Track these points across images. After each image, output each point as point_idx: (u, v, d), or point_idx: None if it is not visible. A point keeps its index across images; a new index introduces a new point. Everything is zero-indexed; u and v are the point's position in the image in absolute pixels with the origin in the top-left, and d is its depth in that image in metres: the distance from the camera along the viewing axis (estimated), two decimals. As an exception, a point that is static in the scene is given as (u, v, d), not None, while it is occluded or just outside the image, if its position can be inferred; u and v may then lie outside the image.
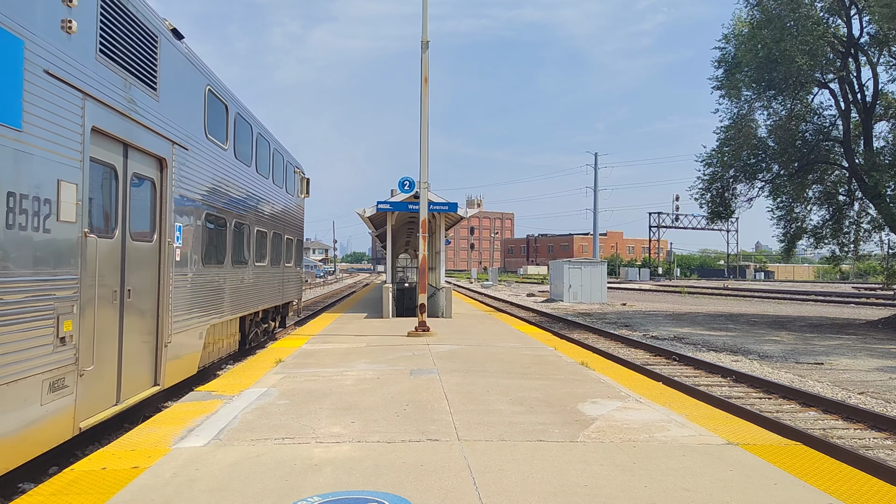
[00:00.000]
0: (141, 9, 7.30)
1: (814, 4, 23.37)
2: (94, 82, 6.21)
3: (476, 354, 11.11)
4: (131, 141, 7.08)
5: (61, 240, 5.67)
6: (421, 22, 14.48)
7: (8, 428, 4.95)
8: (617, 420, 6.52)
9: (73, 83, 5.82)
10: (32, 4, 5.25)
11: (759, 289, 57.57)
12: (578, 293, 35.57)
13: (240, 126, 11.69)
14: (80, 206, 5.92)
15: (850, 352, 16.34)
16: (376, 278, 79.40)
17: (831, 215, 26.91)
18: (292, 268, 17.80)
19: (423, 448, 5.46)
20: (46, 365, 5.46)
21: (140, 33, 7.30)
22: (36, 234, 5.31)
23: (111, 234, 6.80)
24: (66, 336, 5.73)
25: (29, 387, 5.24)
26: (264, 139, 13.78)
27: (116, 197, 6.91)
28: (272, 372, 9.16)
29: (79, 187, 5.91)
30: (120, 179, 6.97)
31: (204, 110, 9.62)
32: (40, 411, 5.42)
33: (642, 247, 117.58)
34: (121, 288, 6.99)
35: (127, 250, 7.14)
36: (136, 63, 7.17)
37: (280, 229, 15.72)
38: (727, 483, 4.69)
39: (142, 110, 7.30)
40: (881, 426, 8.79)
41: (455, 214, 20.08)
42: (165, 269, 8.11)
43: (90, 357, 6.19)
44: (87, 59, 6.11)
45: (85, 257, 6.07)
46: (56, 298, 5.60)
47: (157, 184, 7.98)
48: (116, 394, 6.99)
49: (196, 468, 4.91)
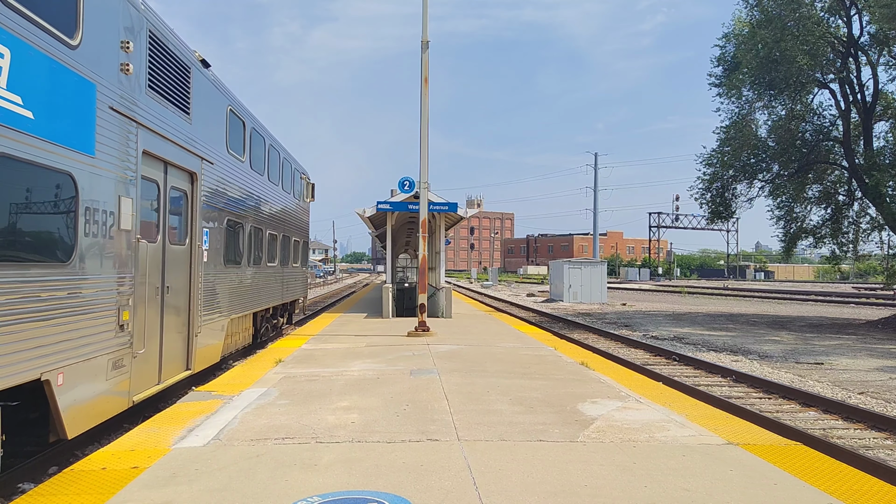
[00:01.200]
0: (178, 46, 8.59)
1: (814, 4, 23.37)
2: (145, 112, 7.45)
3: (476, 354, 11.11)
4: (170, 159, 8.27)
5: (121, 245, 6.88)
6: (421, 22, 14.49)
7: (83, 396, 6.13)
8: (617, 420, 6.52)
9: (130, 115, 7.06)
10: (103, 53, 6.45)
11: (759, 289, 57.57)
12: (578, 293, 35.57)
13: (254, 139, 12.87)
14: (134, 216, 7.12)
15: (850, 352, 16.33)
16: (376, 278, 79.40)
17: (831, 215, 26.91)
18: (299, 268, 18.77)
19: (423, 448, 5.46)
20: (110, 347, 6.65)
21: (177, 67, 8.56)
22: (104, 240, 6.52)
23: (155, 239, 7.98)
24: (124, 324, 6.91)
25: (99, 364, 6.42)
26: (275, 149, 14.93)
27: (159, 207, 8.11)
28: (272, 372, 9.17)
29: (133, 201, 7.13)
30: (161, 192, 8.16)
31: (226, 128, 10.84)
32: (106, 385, 6.58)
33: (642, 247, 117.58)
34: (161, 285, 8.14)
35: (166, 253, 8.30)
36: (174, 93, 8.40)
37: (288, 231, 16.73)
38: (727, 483, 4.69)
39: (178, 132, 8.51)
40: (881, 426, 8.79)
41: (455, 214, 20.08)
42: (195, 269, 9.27)
43: (141, 342, 7.38)
44: (139, 94, 7.34)
45: (137, 259, 7.26)
46: (117, 293, 6.78)
47: (189, 194, 9.17)
48: (158, 375, 8.11)
49: (196, 468, 4.91)
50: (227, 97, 10.98)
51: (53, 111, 5.67)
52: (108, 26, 6.64)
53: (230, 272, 11.17)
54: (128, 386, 7.11)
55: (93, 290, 6.28)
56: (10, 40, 5.02)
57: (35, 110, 5.41)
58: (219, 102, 10.49)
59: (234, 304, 11.52)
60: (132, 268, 7.10)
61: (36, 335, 5.36)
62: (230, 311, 11.21)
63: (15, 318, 5.09)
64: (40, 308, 5.43)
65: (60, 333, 5.72)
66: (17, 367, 5.09)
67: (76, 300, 6.00)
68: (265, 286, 14.09)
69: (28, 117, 5.31)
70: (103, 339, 6.49)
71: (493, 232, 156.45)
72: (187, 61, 8.92)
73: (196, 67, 9.26)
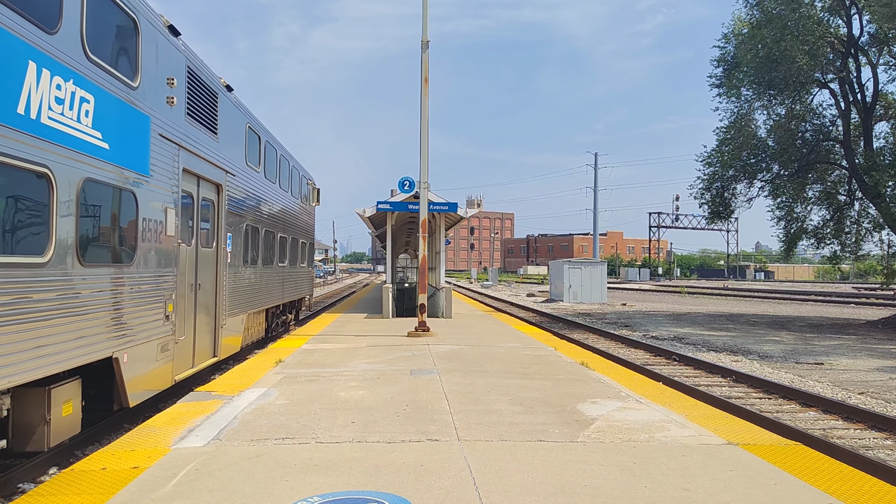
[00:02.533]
0: (209, 76, 10.01)
1: (814, 4, 23.37)
2: (184, 136, 8.75)
3: (476, 354, 11.11)
4: (202, 174, 9.54)
5: (167, 248, 8.22)
6: (421, 22, 14.49)
7: (140, 373, 7.46)
8: (617, 420, 6.52)
9: (174, 139, 8.36)
10: (154, 90, 7.79)
11: (758, 289, 57.57)
12: (578, 293, 35.57)
13: (268, 151, 14.13)
14: (176, 224, 8.44)
15: (850, 352, 16.33)
16: (376, 278, 79.38)
17: (832, 215, 26.91)
18: (305, 267, 19.95)
19: (424, 448, 5.46)
20: (160, 334, 8.00)
21: (208, 95, 9.92)
22: (156, 245, 7.83)
23: (190, 242, 9.22)
24: (169, 314, 8.27)
25: (152, 347, 7.78)
26: (285, 159, 16.30)
27: (193, 215, 9.34)
28: (272, 372, 9.16)
29: (175, 211, 8.42)
30: (195, 202, 9.41)
31: (245, 143, 12.12)
32: (156, 365, 7.94)
33: (642, 247, 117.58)
34: (195, 282, 9.44)
35: (198, 255, 9.56)
36: (205, 117, 9.75)
37: (296, 234, 17.89)
38: (727, 483, 4.69)
39: (208, 150, 9.81)
40: (881, 426, 8.79)
41: (455, 214, 20.08)
42: (220, 269, 10.50)
43: (181, 330, 8.73)
44: (180, 121, 8.66)
45: (178, 260, 8.60)
46: (165, 288, 8.12)
47: (216, 203, 10.42)
48: (192, 360, 9.41)
49: (196, 468, 4.91)
50: (246, 116, 12.34)
51: (122, 141, 6.98)
52: (159, 67, 8.01)
53: (248, 272, 12.45)
54: (171, 367, 8.46)
55: (148, 287, 7.68)
56: (94, 88, 6.41)
57: (110, 142, 6.73)
58: (239, 121, 11.84)
59: (252, 301, 12.78)
60: (174, 268, 8.48)
61: (110, 322, 6.72)
62: (248, 307, 12.50)
63: (97, 308, 6.45)
64: (114, 301, 6.84)
65: (126, 321, 7.09)
66: (97, 347, 6.48)
67: (137, 294, 7.37)
68: (276, 285, 15.29)
69: (105, 148, 6.63)
70: (155, 326, 7.87)
71: (493, 232, 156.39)
72: (215, 88, 10.29)
73: (222, 93, 10.65)
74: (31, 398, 5.72)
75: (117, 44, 7.07)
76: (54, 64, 5.73)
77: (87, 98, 6.26)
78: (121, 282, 6.97)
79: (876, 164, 22.63)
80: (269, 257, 14.40)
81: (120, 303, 6.93)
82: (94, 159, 6.37)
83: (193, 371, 9.37)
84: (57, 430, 5.94)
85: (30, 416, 5.74)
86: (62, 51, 5.85)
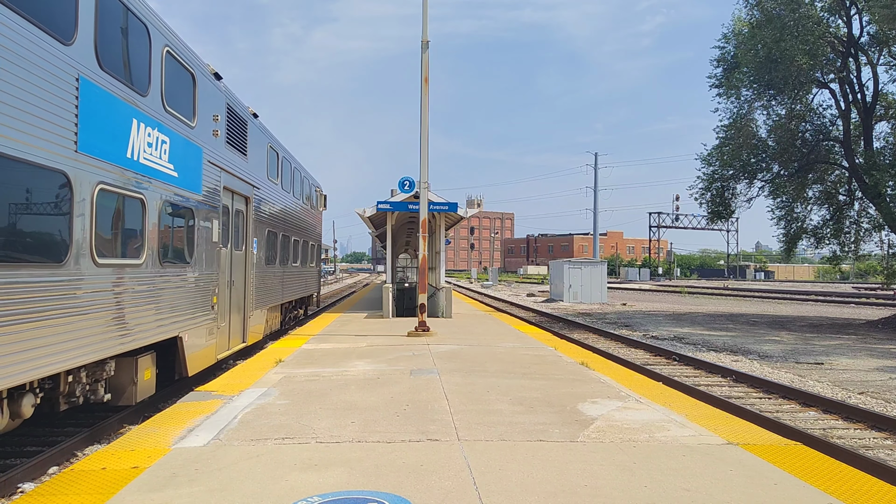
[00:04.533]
0: (241, 108, 12.07)
1: (814, 4, 23.35)
2: (224, 160, 10.82)
3: (476, 354, 11.11)
4: (236, 189, 11.61)
5: (213, 251, 10.27)
6: (421, 22, 14.48)
7: (195, 350, 9.46)
8: (617, 420, 6.51)
9: (217, 164, 10.44)
10: (205, 126, 9.81)
11: (759, 289, 57.56)
12: (578, 293, 35.56)
13: (284, 165, 16.25)
14: (219, 232, 10.48)
15: (850, 352, 16.33)
16: (376, 278, 79.36)
17: (832, 215, 26.90)
18: (314, 267, 22.07)
19: (424, 448, 5.46)
20: (208, 319, 10.03)
21: (240, 123, 11.95)
22: (205, 249, 9.91)
23: (226, 246, 11.17)
24: (213, 305, 10.28)
25: (203, 330, 9.81)
26: (298, 171, 18.38)
27: (229, 223, 11.29)
28: (272, 372, 9.16)
29: (218, 221, 10.49)
30: (230, 213, 11.39)
31: (266, 160, 14.07)
32: (205, 344, 9.92)
33: (642, 247, 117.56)
34: (230, 279, 11.35)
35: (232, 256, 11.48)
36: (239, 142, 11.79)
37: (307, 237, 19.81)
38: (727, 483, 4.69)
39: (240, 169, 11.88)
40: (881, 426, 8.78)
41: (455, 214, 20.06)
42: (248, 269, 12.47)
43: (221, 319, 10.77)
44: (221, 148, 10.69)
45: (220, 260, 10.62)
46: (211, 283, 10.16)
47: (245, 213, 12.40)
48: (228, 343, 11.28)
49: (196, 468, 4.91)
50: (267, 136, 14.35)
51: (185, 169, 8.99)
52: (208, 108, 10.03)
53: (269, 271, 14.32)
54: (215, 348, 10.39)
55: (201, 282, 9.69)
56: (169, 132, 8.40)
57: (178, 171, 8.71)
58: (262, 142, 13.82)
59: (271, 296, 14.74)
60: (217, 267, 10.45)
61: (176, 309, 8.67)
62: (269, 301, 14.43)
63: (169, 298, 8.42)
64: (180, 292, 8.80)
65: (188, 308, 9.13)
66: (169, 328, 8.41)
67: (194, 288, 9.38)
68: (290, 282, 17.20)
69: (175, 176, 8.61)
70: (205, 314, 9.84)
71: (493, 232, 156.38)
72: (245, 117, 12.33)
73: (250, 120, 12.66)
74: (124, 365, 7.60)
75: (183, 95, 9.06)
76: (146, 118, 7.71)
77: (165, 140, 8.28)
78: (184, 278, 9.02)
79: (876, 164, 22.62)
80: (285, 258, 16.31)
81: (183, 294, 8.99)
82: (170, 185, 8.41)
83: (229, 353, 11.33)
84: (141, 390, 7.81)
85: (123, 379, 7.63)
86: (150, 107, 7.84)
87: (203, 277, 9.72)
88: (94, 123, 6.51)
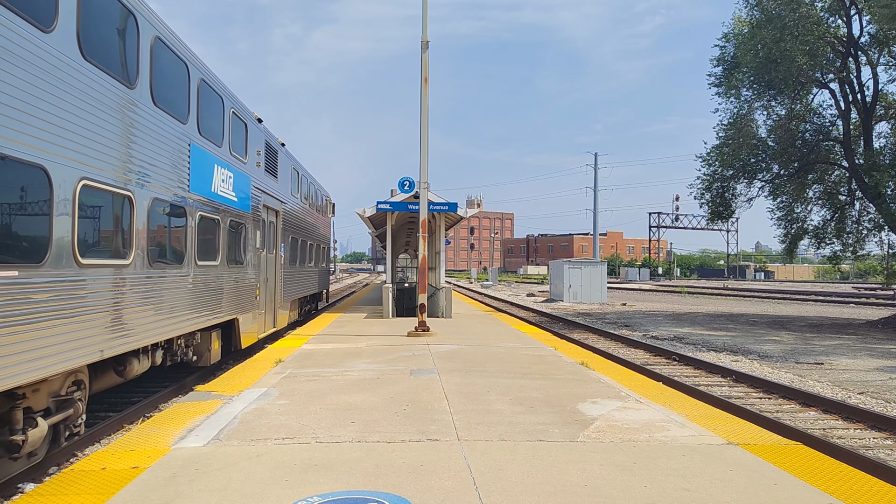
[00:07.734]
0: (275, 142, 15.14)
1: (814, 4, 23.34)
2: (263, 184, 13.83)
3: (476, 354, 11.11)
4: (270, 205, 14.53)
5: (256, 254, 13.14)
6: (421, 23, 14.48)
7: (246, 329, 12.40)
8: (617, 420, 6.51)
9: (259, 187, 13.43)
10: (252, 160, 12.88)
11: (758, 289, 57.55)
12: (578, 293, 35.55)
13: (303, 181, 19.40)
14: (260, 239, 13.36)
15: (850, 352, 16.33)
16: (376, 278, 79.32)
17: (832, 215, 26.89)
18: (325, 267, 25.53)
19: (424, 448, 5.46)
20: (253, 308, 12.95)
21: (274, 153, 14.96)
22: (252, 252, 12.83)
23: (263, 250, 13.80)
24: (256, 297, 13.18)
25: (250, 316, 12.75)
26: (313, 185, 21.65)
27: (264, 232, 13.96)
28: (272, 372, 9.16)
29: (259, 231, 13.33)
30: (265, 224, 14.04)
31: (290, 179, 17.22)
32: (252, 326, 12.91)
33: (642, 247, 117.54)
34: (265, 276, 14.06)
35: (266, 258, 14.18)
36: (272, 168, 14.76)
37: (318, 240, 22.70)
38: (727, 483, 4.69)
39: (273, 189, 14.82)
40: (881, 426, 8.78)
41: (455, 214, 20.06)
42: (278, 269, 15.43)
43: (261, 307, 13.74)
44: (261, 175, 13.66)
45: (260, 262, 13.52)
46: (255, 279, 13.04)
47: (275, 224, 15.31)
48: (264, 327, 14.12)
49: (196, 468, 4.91)
50: (291, 160, 17.44)
51: (241, 194, 12.00)
52: (254, 146, 13.00)
53: (292, 270, 17.39)
54: (258, 329, 13.39)
55: (250, 278, 12.67)
56: (232, 169, 11.40)
57: (237, 196, 11.75)
58: (287, 164, 16.85)
59: (294, 291, 17.84)
60: (259, 267, 13.38)
61: (234, 299, 11.60)
62: (292, 295, 17.55)
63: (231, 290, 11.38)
64: (238, 286, 11.81)
65: (242, 298, 12.09)
66: (230, 312, 11.33)
67: (245, 282, 12.31)
68: (306, 280, 20.14)
69: (235, 200, 11.60)
70: (251, 302, 12.81)
71: (493, 232, 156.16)
72: (276, 147, 15.28)
73: (279, 149, 15.65)
74: (205, 337, 10.56)
75: (239, 141, 11.97)
76: (220, 161, 10.74)
77: (230, 175, 11.30)
78: (239, 276, 11.94)
79: (876, 164, 22.62)
80: (303, 259, 19.30)
81: (239, 287, 11.92)
82: (232, 208, 11.41)
83: (266, 334, 14.31)
84: (213, 356, 10.79)
85: (202, 347, 10.58)
86: (222, 153, 10.91)
87: (251, 276, 12.72)
88: (196, 171, 9.51)
